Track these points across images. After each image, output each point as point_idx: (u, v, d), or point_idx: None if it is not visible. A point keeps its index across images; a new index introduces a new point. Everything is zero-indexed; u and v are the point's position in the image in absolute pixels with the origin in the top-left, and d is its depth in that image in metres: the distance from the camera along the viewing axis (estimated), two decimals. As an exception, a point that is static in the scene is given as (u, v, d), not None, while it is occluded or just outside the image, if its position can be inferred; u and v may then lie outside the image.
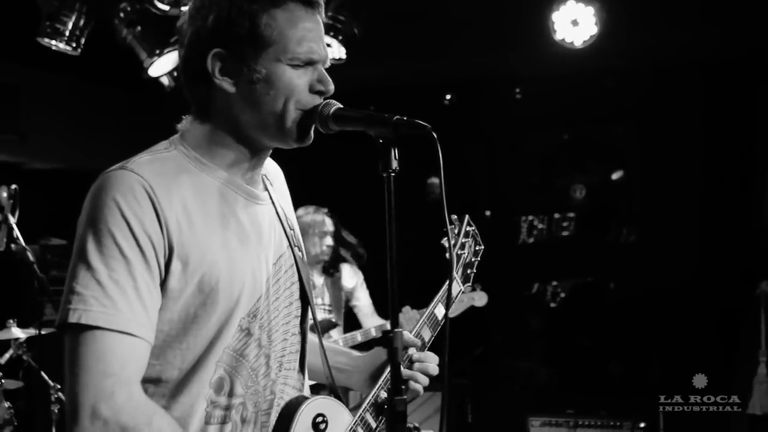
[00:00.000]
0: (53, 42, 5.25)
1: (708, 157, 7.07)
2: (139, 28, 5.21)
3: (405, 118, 1.73)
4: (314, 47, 1.80)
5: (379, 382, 2.02)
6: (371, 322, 5.51)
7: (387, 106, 2.37)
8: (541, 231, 7.96)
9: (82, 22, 5.22)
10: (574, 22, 5.27)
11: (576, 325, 7.84)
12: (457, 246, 2.28)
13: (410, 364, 2.08)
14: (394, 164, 1.72)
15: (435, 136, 1.69)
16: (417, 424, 1.79)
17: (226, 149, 1.82)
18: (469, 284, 2.30)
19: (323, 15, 1.84)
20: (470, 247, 2.31)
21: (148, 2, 4.95)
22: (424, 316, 2.18)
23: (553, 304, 7.92)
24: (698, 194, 7.12)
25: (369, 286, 5.56)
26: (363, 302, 5.62)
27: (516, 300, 7.96)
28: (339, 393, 2.03)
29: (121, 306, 1.62)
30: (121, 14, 5.26)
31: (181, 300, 1.71)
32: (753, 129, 6.63)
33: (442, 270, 2.11)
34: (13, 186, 4.58)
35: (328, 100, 1.83)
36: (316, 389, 2.04)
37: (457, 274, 2.27)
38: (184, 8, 4.80)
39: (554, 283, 7.93)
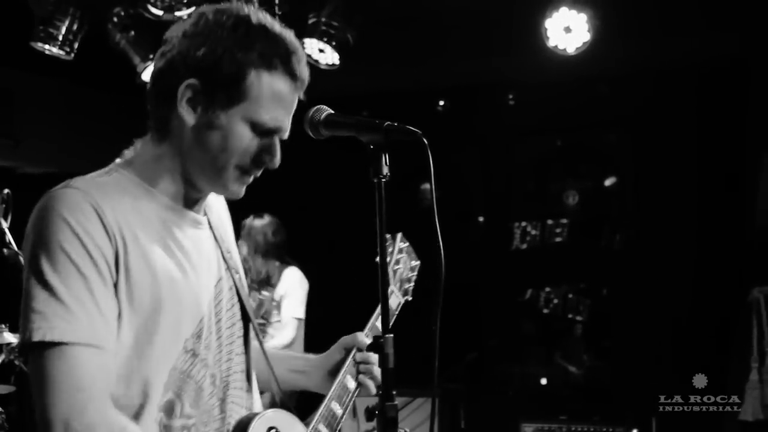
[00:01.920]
0: (47, 46, 5.25)
1: (701, 163, 7.08)
2: (132, 32, 5.22)
3: (396, 124, 1.74)
4: (281, 120, 1.81)
5: (329, 393, 2.04)
6: (277, 339, 5.52)
7: (380, 112, 2.38)
8: (534, 237, 7.96)
9: (75, 27, 5.23)
10: (567, 29, 5.28)
11: (568, 329, 7.85)
12: (392, 262, 2.29)
13: (356, 364, 2.12)
14: (385, 170, 1.73)
15: (426, 141, 1.70)
16: (408, 430, 1.79)
17: (170, 176, 1.83)
18: (409, 297, 2.32)
19: (302, 93, 1.85)
20: (405, 262, 2.34)
21: (141, 7, 4.96)
22: (366, 328, 2.20)
23: (546, 310, 7.93)
24: (692, 200, 7.14)
25: (357, 292, 5.56)
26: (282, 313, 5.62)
27: (509, 306, 7.97)
28: (289, 405, 2.04)
29: (83, 320, 1.62)
30: (115, 19, 5.27)
31: (124, 322, 1.70)
32: (746, 134, 6.64)
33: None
34: (6, 190, 4.57)
35: (319, 106, 1.85)
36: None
37: (395, 288, 2.29)
38: (179, 13, 4.83)
39: (547, 289, 7.93)
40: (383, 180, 1.72)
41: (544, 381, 7.65)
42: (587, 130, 7.86)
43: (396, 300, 2.27)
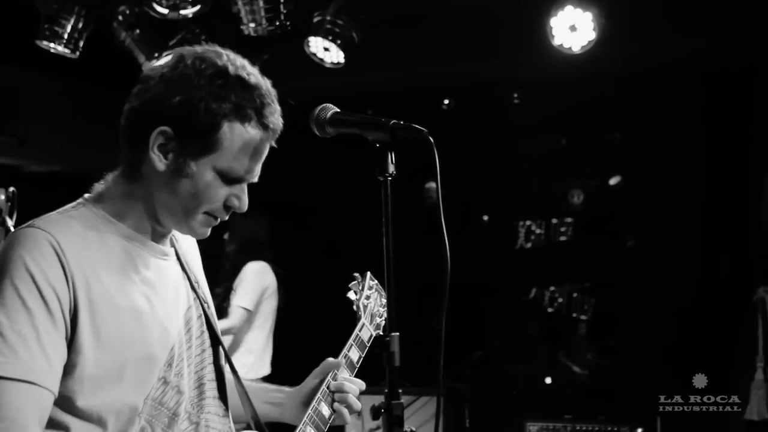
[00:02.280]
0: (52, 45, 5.26)
1: (707, 162, 7.07)
2: (138, 31, 5.23)
3: (402, 123, 1.74)
4: (252, 168, 1.83)
5: (304, 418, 2.04)
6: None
7: (385, 110, 2.38)
8: (539, 236, 7.95)
9: (80, 25, 5.24)
10: (573, 28, 5.27)
11: (573, 328, 7.85)
12: (362, 297, 2.34)
13: (330, 392, 2.12)
14: (391, 168, 1.73)
15: (432, 140, 1.69)
16: (414, 428, 1.78)
17: (137, 213, 1.83)
18: (380, 331, 2.35)
19: (274, 141, 1.85)
20: (375, 299, 2.38)
21: (147, 5, 4.96)
22: (340, 355, 2.21)
23: (550, 309, 7.92)
24: (697, 199, 7.12)
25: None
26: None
27: (514, 305, 7.96)
28: (264, 428, 2.06)
29: (22, 355, 1.62)
30: (120, 17, 5.28)
31: (92, 356, 1.70)
32: (752, 134, 6.63)
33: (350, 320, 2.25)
34: (11, 188, 4.57)
35: (324, 105, 1.85)
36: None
37: (366, 321, 2.31)
38: (184, 11, 4.83)
39: (552, 288, 7.92)
40: (389, 178, 1.72)
41: (548, 380, 7.64)
42: (592, 129, 7.85)
43: (367, 332, 2.30)
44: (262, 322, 5.69)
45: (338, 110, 1.84)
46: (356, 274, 2.35)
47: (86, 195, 1.87)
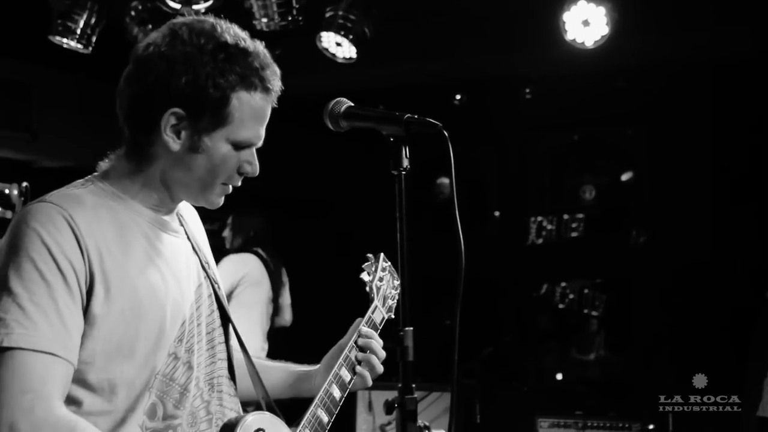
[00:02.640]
0: (65, 40, 5.27)
1: (718, 157, 7.05)
2: (150, 26, 5.23)
3: (416, 117, 1.74)
4: (259, 133, 1.85)
5: (315, 399, 2.03)
6: None
7: (397, 105, 2.38)
8: (550, 232, 7.94)
9: (93, 21, 5.24)
10: (585, 23, 5.25)
11: (584, 324, 7.84)
12: (376, 279, 2.34)
13: (348, 365, 2.11)
14: (405, 162, 1.73)
15: (446, 134, 1.69)
16: (428, 423, 1.78)
17: (148, 190, 1.85)
18: (392, 314, 2.35)
19: (275, 100, 1.86)
20: (388, 281, 2.38)
21: (159, 0, 4.97)
22: (364, 320, 2.21)
23: (561, 305, 7.91)
24: (708, 195, 7.10)
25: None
26: None
27: (525, 301, 7.95)
28: (275, 408, 2.06)
29: (42, 327, 1.63)
30: (133, 12, 5.28)
31: (105, 328, 1.72)
32: (763, 129, 6.60)
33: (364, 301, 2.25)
34: (24, 184, 4.60)
35: (339, 99, 1.86)
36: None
37: (379, 304, 2.30)
38: (197, 6, 4.84)
39: (563, 284, 7.91)
40: (403, 173, 1.72)
41: (559, 376, 7.64)
42: (604, 124, 7.83)
43: (380, 315, 2.30)
44: (245, 312, 5.65)
45: (352, 104, 1.85)
46: (369, 255, 2.34)
47: (94, 174, 1.88)
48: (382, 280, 2.35)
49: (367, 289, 2.31)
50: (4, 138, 6.54)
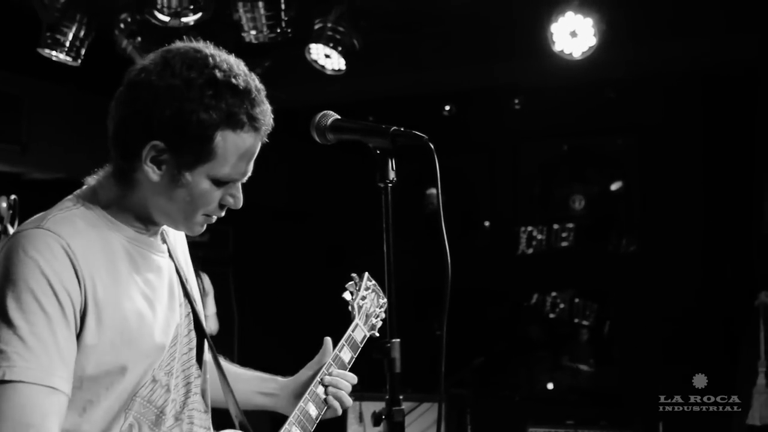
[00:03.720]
0: (54, 53, 5.27)
1: (708, 167, 7.08)
2: (139, 38, 5.23)
3: (402, 129, 1.75)
4: (245, 170, 1.82)
5: (290, 417, 2.04)
6: None
7: (386, 117, 2.39)
8: (540, 242, 7.96)
9: (82, 33, 5.24)
10: (573, 34, 5.27)
11: (575, 333, 7.85)
12: (358, 298, 2.33)
13: (323, 386, 2.13)
14: (392, 175, 1.73)
15: (432, 146, 1.70)
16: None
17: (131, 213, 1.84)
18: (376, 333, 2.35)
19: (265, 137, 1.83)
20: (372, 300, 2.37)
21: (148, 13, 4.97)
22: (330, 357, 2.21)
23: (552, 315, 7.92)
24: (698, 204, 7.13)
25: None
26: None
27: (515, 310, 7.96)
28: (247, 426, 2.06)
29: (43, 361, 1.63)
30: (122, 25, 5.29)
31: (94, 356, 1.72)
32: (753, 138, 6.63)
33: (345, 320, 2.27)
34: (13, 196, 4.59)
35: (325, 111, 1.85)
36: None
37: (360, 322, 2.30)
38: (185, 19, 4.85)
39: (554, 293, 7.92)
40: (390, 185, 1.72)
41: (550, 386, 7.64)
42: (593, 134, 7.86)
43: (361, 333, 2.30)
44: None
45: (339, 117, 1.84)
46: (354, 275, 2.35)
47: (82, 190, 1.87)
48: (365, 299, 2.35)
49: (349, 308, 2.31)
50: (-7, 150, 6.52)
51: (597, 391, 7.48)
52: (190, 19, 4.84)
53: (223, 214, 1.88)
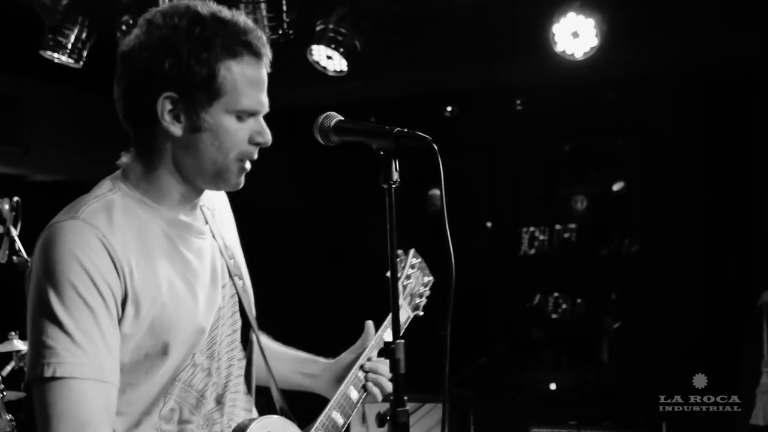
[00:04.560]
0: (55, 55, 5.27)
1: (710, 167, 7.07)
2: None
3: (406, 130, 1.75)
4: (260, 99, 1.82)
5: (331, 401, 2.04)
6: None
7: (388, 118, 2.38)
8: (542, 242, 7.95)
9: (84, 35, 5.25)
10: (575, 34, 5.27)
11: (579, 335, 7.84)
12: (403, 277, 2.30)
13: (364, 372, 2.12)
14: (395, 176, 1.73)
15: (436, 147, 1.70)
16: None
17: (167, 189, 1.83)
18: (420, 312, 2.33)
19: (268, 66, 1.85)
20: (417, 278, 2.35)
21: (150, 15, 4.97)
22: (373, 340, 2.20)
23: (554, 315, 7.92)
24: (700, 204, 7.12)
25: (367, 297, 5.56)
26: None
27: (518, 311, 7.96)
28: (288, 412, 2.05)
29: (91, 355, 1.64)
30: (123, 26, 5.28)
31: (133, 343, 1.73)
32: (754, 139, 6.63)
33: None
34: (15, 198, 4.59)
35: (328, 113, 1.86)
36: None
37: (405, 302, 2.29)
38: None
39: (556, 294, 7.92)
40: (393, 186, 1.72)
41: (553, 386, 7.63)
42: (595, 135, 7.85)
43: (405, 314, 2.28)
44: None
45: (342, 118, 1.84)
46: (399, 251, 2.29)
47: (117, 174, 1.85)
48: (410, 278, 2.31)
49: (397, 281, 2.26)
50: (-5, 152, 6.53)
51: (600, 392, 7.47)
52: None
53: (255, 155, 1.85)
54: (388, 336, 2.21)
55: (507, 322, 7.94)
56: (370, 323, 2.21)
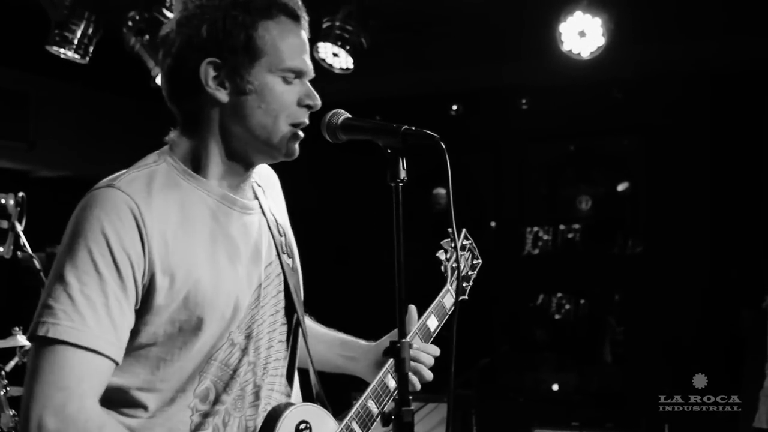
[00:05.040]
0: (62, 50, 5.28)
1: (715, 167, 7.06)
2: (147, 36, 5.23)
3: (413, 128, 1.74)
4: (304, 60, 1.83)
5: (367, 390, 2.03)
6: None
7: (393, 116, 2.38)
8: (546, 242, 7.95)
9: (90, 31, 5.25)
10: (582, 33, 5.27)
11: (580, 334, 7.83)
12: (452, 259, 2.26)
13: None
14: (402, 174, 1.72)
15: (443, 146, 1.69)
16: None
17: (214, 162, 1.82)
18: (465, 297, 2.29)
19: (307, 30, 1.86)
20: (467, 260, 2.30)
21: (156, 11, 4.98)
22: (416, 326, 2.18)
23: (558, 316, 7.91)
24: (705, 205, 7.11)
25: (372, 295, 5.54)
26: None
27: (521, 311, 7.95)
28: (325, 400, 2.03)
29: (89, 321, 1.62)
30: (130, 23, 5.29)
31: (167, 315, 1.71)
32: (761, 139, 6.62)
33: (438, 281, 2.14)
34: (21, 193, 4.59)
35: (336, 110, 1.84)
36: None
37: (451, 287, 2.25)
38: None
39: (559, 294, 7.91)
40: (400, 184, 1.71)
41: (555, 387, 7.63)
42: (600, 135, 7.84)
43: (450, 299, 2.25)
44: None
45: (349, 116, 1.84)
46: (450, 230, 2.29)
47: (164, 148, 1.85)
48: (459, 260, 2.27)
49: (442, 268, 2.21)
50: (1, 147, 6.54)
51: (602, 393, 7.46)
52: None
53: (306, 120, 1.85)
54: (432, 322, 2.19)
55: (510, 323, 7.93)
56: (412, 307, 2.18)
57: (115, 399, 1.72)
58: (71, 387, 1.60)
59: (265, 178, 2.04)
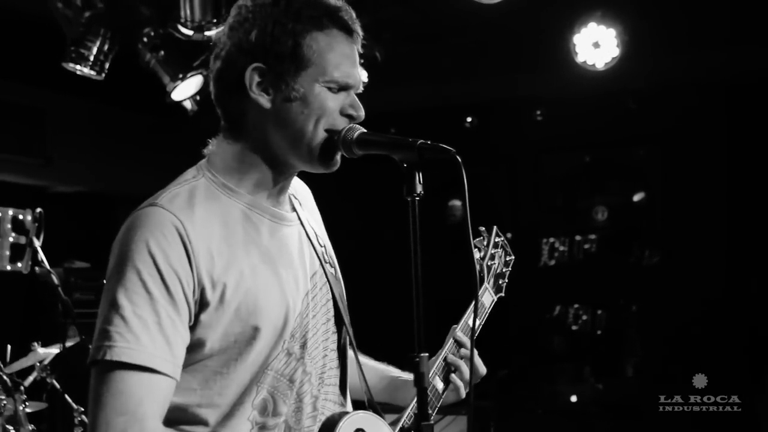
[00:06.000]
0: (78, 67, 5.31)
1: (731, 176, 7.03)
2: (162, 52, 5.26)
3: (429, 143, 1.73)
4: (351, 73, 1.84)
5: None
6: None
7: (408, 129, 2.38)
8: (562, 253, 7.92)
9: (106, 47, 5.28)
10: (596, 44, 5.28)
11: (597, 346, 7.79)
12: (487, 257, 2.23)
13: (445, 365, 2.10)
14: (419, 188, 1.72)
15: (459, 160, 1.69)
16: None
17: (254, 170, 1.82)
18: (502, 294, 2.27)
19: (360, 45, 1.88)
20: (500, 257, 2.29)
21: (171, 27, 5.01)
22: (459, 326, 2.17)
23: (575, 327, 7.87)
24: (722, 215, 7.07)
25: (388, 310, 5.53)
26: None
27: (538, 322, 7.92)
28: (378, 408, 2.01)
29: (143, 341, 1.63)
30: (145, 39, 5.32)
31: (220, 329, 1.72)
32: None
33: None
34: (38, 209, 4.62)
35: (351, 125, 1.83)
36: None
37: (489, 285, 2.24)
38: (209, 33, 4.87)
39: (576, 305, 7.88)
40: (417, 198, 1.71)
41: (573, 398, 7.59)
42: (616, 145, 7.82)
43: (489, 298, 2.25)
44: None
45: (365, 130, 1.83)
46: (482, 228, 2.26)
47: (202, 162, 1.86)
48: (494, 258, 2.25)
49: (477, 268, 2.18)
50: (18, 163, 6.59)
51: (620, 404, 7.41)
52: (213, 32, 4.87)
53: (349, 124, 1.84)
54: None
55: (527, 334, 7.90)
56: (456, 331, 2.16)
57: (175, 418, 1.72)
58: (131, 411, 1.61)
59: (301, 192, 2.05)
